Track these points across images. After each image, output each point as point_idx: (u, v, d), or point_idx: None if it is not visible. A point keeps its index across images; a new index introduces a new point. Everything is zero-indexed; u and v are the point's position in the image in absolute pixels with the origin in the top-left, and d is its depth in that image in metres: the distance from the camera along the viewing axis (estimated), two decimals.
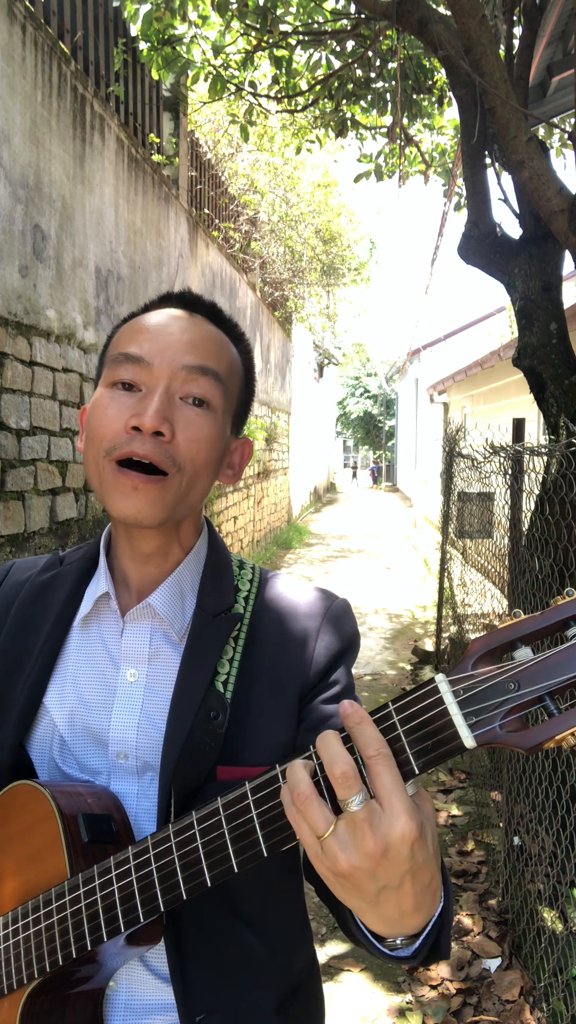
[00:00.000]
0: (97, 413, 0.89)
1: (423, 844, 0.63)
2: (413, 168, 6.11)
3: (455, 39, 3.11)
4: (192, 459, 0.87)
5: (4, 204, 3.62)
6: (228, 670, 0.91)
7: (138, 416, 0.84)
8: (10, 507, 3.68)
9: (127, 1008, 0.89)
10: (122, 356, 0.89)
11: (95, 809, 0.85)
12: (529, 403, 4.02)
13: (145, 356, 0.88)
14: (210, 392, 0.89)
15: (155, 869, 0.75)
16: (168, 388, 0.87)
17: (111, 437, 0.86)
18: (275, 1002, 0.92)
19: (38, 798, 0.85)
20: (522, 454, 3.07)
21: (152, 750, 0.89)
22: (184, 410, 0.88)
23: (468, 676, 0.64)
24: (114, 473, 0.86)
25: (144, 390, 0.87)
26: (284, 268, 12.54)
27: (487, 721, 0.63)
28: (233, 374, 0.95)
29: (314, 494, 22.06)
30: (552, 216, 2.97)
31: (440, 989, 2.66)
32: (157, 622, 0.94)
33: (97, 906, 0.78)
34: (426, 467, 16.34)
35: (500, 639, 0.65)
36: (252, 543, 10.80)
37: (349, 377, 39.80)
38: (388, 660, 6.65)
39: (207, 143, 8.91)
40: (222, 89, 4.74)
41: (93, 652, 0.95)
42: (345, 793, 0.63)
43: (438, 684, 0.65)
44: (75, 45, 4.68)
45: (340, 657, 0.96)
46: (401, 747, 0.65)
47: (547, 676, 0.62)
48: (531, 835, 3.08)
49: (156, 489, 0.86)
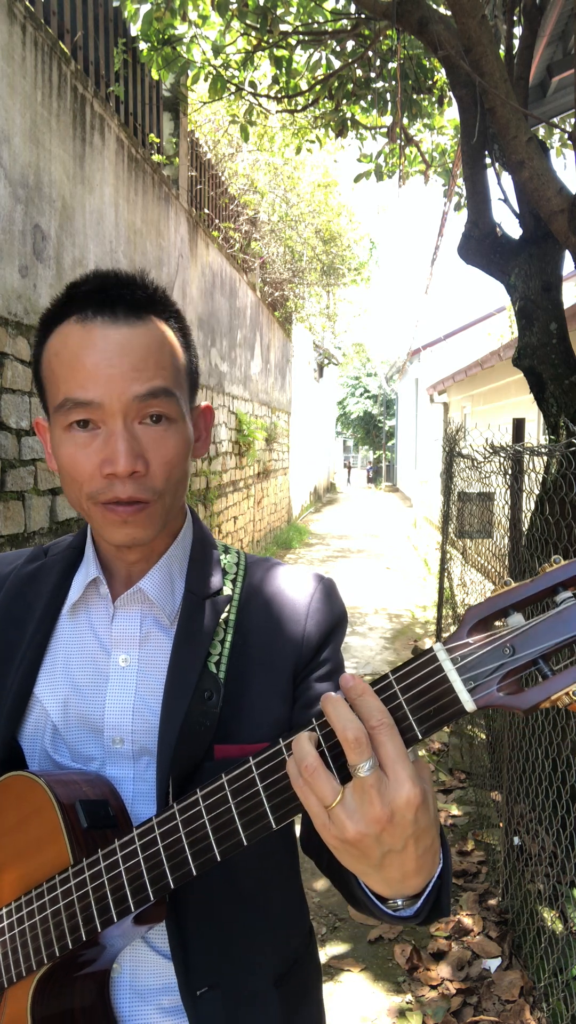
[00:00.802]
0: (66, 461, 0.88)
1: (425, 809, 0.66)
2: (413, 168, 6.11)
3: (455, 39, 3.11)
4: (168, 478, 0.88)
5: (4, 204, 3.62)
6: (220, 651, 0.93)
7: (110, 463, 0.84)
8: (10, 507, 3.68)
9: (132, 989, 0.91)
10: (70, 402, 0.86)
11: (91, 796, 0.86)
12: (529, 403, 4.02)
13: (95, 399, 0.85)
14: (166, 408, 0.88)
15: (162, 848, 0.77)
16: (126, 422, 0.85)
17: (88, 482, 0.86)
18: (274, 976, 0.95)
19: (33, 788, 0.85)
20: (522, 454, 3.07)
21: (148, 733, 0.91)
22: (148, 434, 0.87)
23: (464, 644, 0.67)
24: (102, 511, 0.87)
25: (103, 427, 0.86)
26: (284, 268, 12.54)
27: (485, 685, 0.65)
28: (178, 367, 0.91)
29: (314, 494, 22.06)
30: (552, 216, 2.97)
31: (440, 989, 2.66)
32: (147, 607, 0.95)
33: (105, 888, 0.79)
34: (426, 467, 16.33)
35: (493, 607, 0.68)
36: (252, 543, 10.80)
37: (349, 377, 39.78)
38: (388, 660, 6.64)
39: (207, 143, 8.91)
40: (222, 89, 4.74)
41: (83, 639, 0.96)
42: (356, 758, 0.65)
43: (436, 652, 0.67)
44: (75, 45, 4.68)
45: (331, 634, 0.98)
46: (403, 715, 0.68)
47: (539, 640, 0.64)
48: (531, 835, 3.08)
49: (144, 516, 0.87)
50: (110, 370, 0.85)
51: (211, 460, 7.93)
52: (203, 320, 7.68)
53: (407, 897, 0.73)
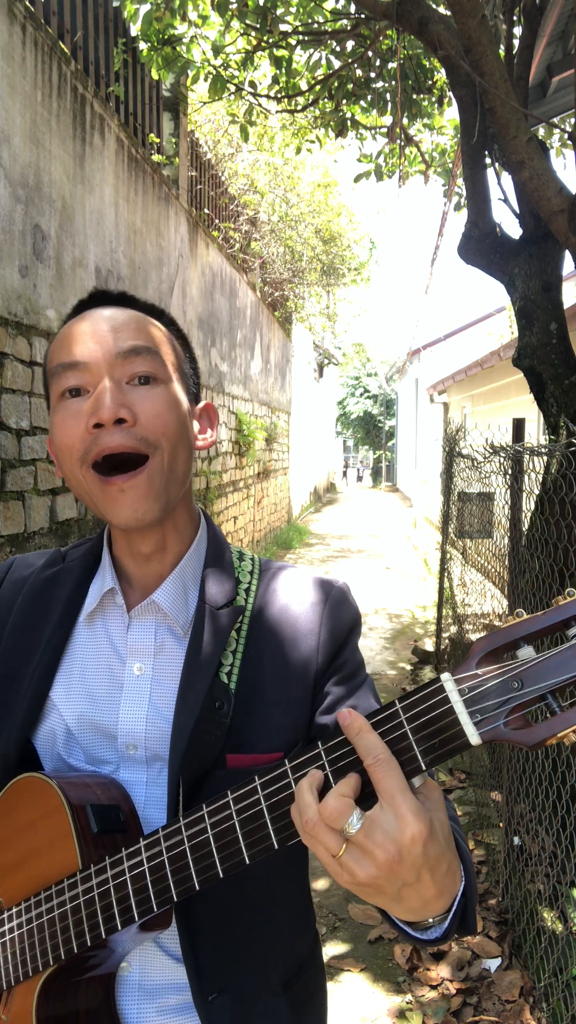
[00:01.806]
0: (59, 430, 0.90)
1: (434, 840, 0.65)
2: (413, 168, 6.11)
3: (455, 39, 3.11)
4: (163, 433, 0.89)
5: (4, 204, 3.62)
6: (232, 661, 0.94)
7: (95, 413, 0.86)
8: (10, 507, 3.68)
9: (140, 988, 0.92)
10: (60, 367, 0.90)
11: (103, 799, 0.87)
12: (529, 403, 4.02)
13: (80, 358, 0.89)
14: (151, 367, 0.91)
15: (167, 860, 0.77)
16: (112, 377, 0.88)
17: (79, 445, 0.87)
18: (282, 979, 0.96)
19: (46, 790, 0.86)
20: (522, 454, 3.07)
21: (160, 740, 0.92)
22: (135, 392, 0.89)
23: (472, 675, 0.66)
24: (99, 484, 0.88)
25: (91, 391, 0.89)
26: (284, 268, 12.53)
27: (491, 719, 0.64)
28: (165, 344, 0.96)
29: (314, 494, 22.06)
30: (552, 216, 2.97)
31: (440, 989, 2.66)
32: (161, 617, 0.96)
33: (111, 896, 0.80)
34: (426, 467, 16.33)
35: (503, 639, 0.66)
36: (252, 543, 10.80)
37: (349, 377, 39.76)
38: (388, 660, 6.64)
39: (207, 143, 8.91)
40: (222, 89, 4.74)
41: (99, 647, 0.97)
42: (337, 825, 0.65)
43: (444, 683, 0.66)
44: (75, 45, 4.67)
45: (347, 639, 0.99)
46: (408, 745, 0.67)
47: (549, 675, 0.63)
48: (531, 835, 3.08)
49: (143, 481, 0.87)
50: (95, 335, 0.90)
51: (211, 460, 7.93)
52: (203, 320, 7.68)
53: (435, 916, 0.73)
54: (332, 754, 0.70)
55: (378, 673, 6.25)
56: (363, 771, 0.68)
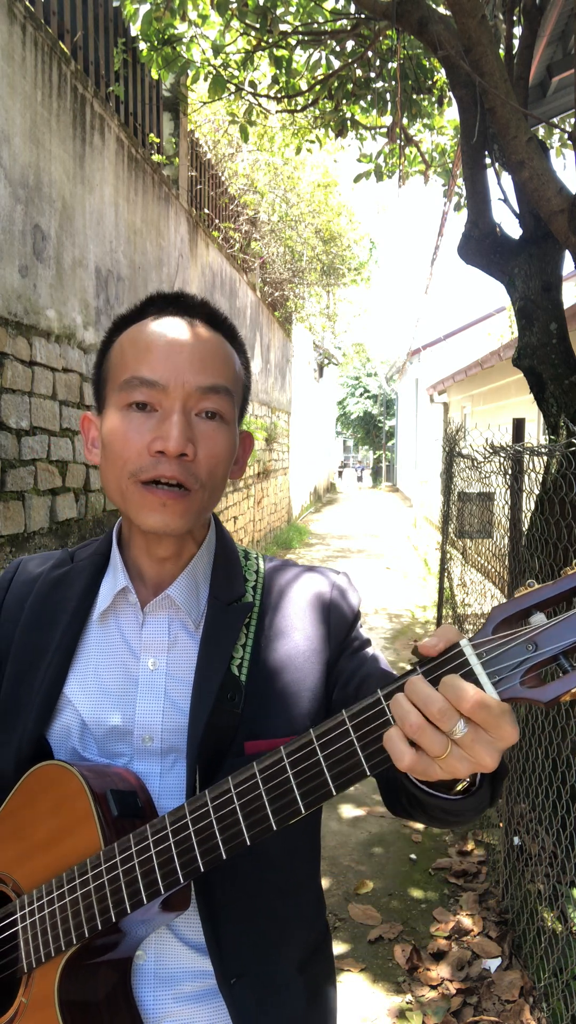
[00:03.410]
0: (117, 437, 0.92)
1: (516, 731, 0.71)
2: (413, 168, 6.11)
3: (455, 39, 3.11)
4: (211, 473, 0.93)
5: (4, 204, 3.62)
6: (243, 655, 0.97)
7: (162, 440, 0.89)
8: (10, 507, 3.68)
9: (156, 976, 0.94)
10: (136, 380, 0.91)
11: (121, 786, 0.89)
12: (529, 403, 4.02)
13: (160, 380, 0.90)
14: (222, 406, 0.93)
15: (193, 832, 0.80)
16: (184, 408, 0.90)
17: (135, 459, 0.90)
18: (298, 963, 1.00)
19: (66, 776, 0.89)
20: (522, 454, 3.07)
21: (176, 732, 0.95)
22: (200, 425, 0.92)
23: (489, 640, 0.71)
24: (141, 491, 0.91)
25: (160, 410, 0.91)
26: (284, 268, 12.53)
27: (508, 679, 0.69)
28: (237, 381, 0.99)
29: (314, 494, 22.05)
30: (552, 216, 2.97)
31: (440, 989, 2.66)
32: (174, 612, 0.99)
33: (135, 871, 0.82)
34: (426, 467, 16.33)
35: (518, 606, 0.71)
36: (252, 543, 10.80)
37: (349, 377, 39.75)
38: (388, 660, 6.63)
39: (207, 143, 8.90)
40: (222, 89, 4.74)
41: (113, 645, 1.00)
42: (447, 725, 0.69)
43: (463, 648, 0.71)
44: (75, 45, 4.67)
45: (353, 624, 1.05)
46: None
47: (561, 637, 0.68)
48: (531, 835, 3.08)
49: (183, 503, 0.91)
50: (179, 357, 0.91)
51: None
52: None
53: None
54: (358, 718, 0.74)
55: None
56: None
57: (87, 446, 1.00)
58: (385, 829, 3.79)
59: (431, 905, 3.17)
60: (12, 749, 0.97)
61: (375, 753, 0.73)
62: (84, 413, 1.01)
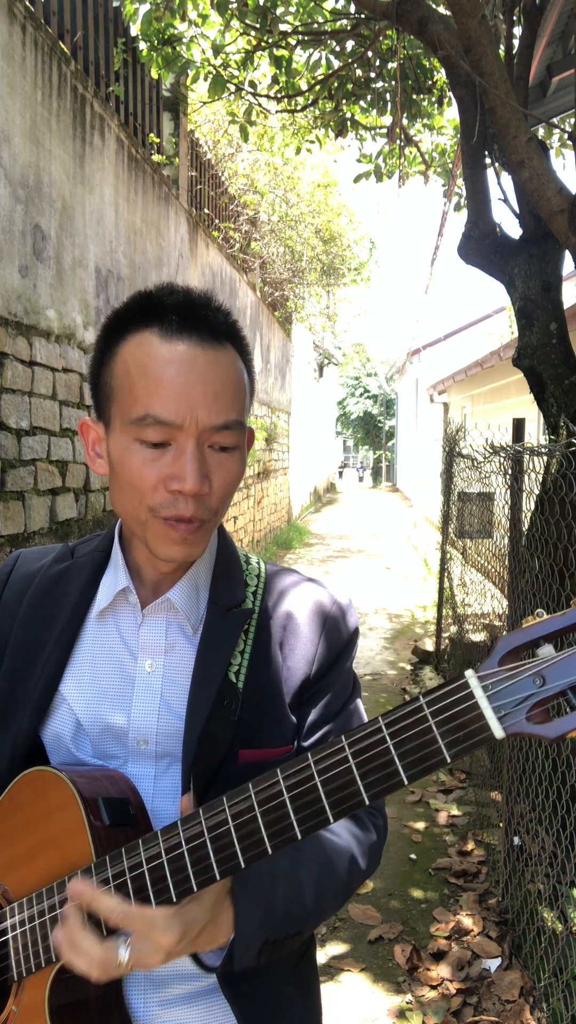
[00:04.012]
0: (131, 470, 0.89)
1: (185, 934, 0.78)
2: (413, 168, 6.11)
3: (455, 39, 3.11)
4: (224, 498, 0.93)
5: (4, 204, 3.62)
6: (240, 662, 0.96)
7: (179, 480, 0.88)
8: (10, 507, 3.68)
9: (147, 979, 0.94)
10: (150, 418, 0.87)
11: (112, 793, 0.88)
12: (529, 403, 4.02)
13: (175, 420, 0.87)
14: (235, 440, 0.92)
15: (187, 852, 0.79)
16: (198, 444, 0.89)
17: (150, 494, 0.89)
18: (291, 964, 1.01)
19: (57, 783, 0.88)
20: (522, 454, 3.07)
21: (171, 736, 0.94)
22: (214, 458, 0.91)
23: (495, 672, 0.69)
24: (162, 526, 0.90)
25: (173, 445, 0.89)
26: (284, 268, 12.53)
27: (515, 714, 0.67)
28: (247, 400, 0.97)
29: (314, 494, 22.05)
30: (552, 216, 2.97)
31: (440, 989, 2.66)
32: (173, 615, 0.98)
33: (127, 887, 0.81)
34: (426, 467, 16.33)
35: (525, 637, 0.69)
36: (252, 543, 10.80)
37: (349, 377, 39.74)
38: (388, 660, 6.64)
39: (207, 143, 8.90)
40: (222, 89, 4.74)
41: (111, 644, 0.99)
42: (111, 964, 0.78)
43: (468, 680, 0.69)
44: (75, 45, 4.67)
45: (342, 654, 1.02)
46: (433, 738, 0.70)
47: (570, 671, 0.66)
48: (531, 835, 3.08)
49: (200, 535, 0.92)
50: (193, 392, 0.88)
51: None
52: None
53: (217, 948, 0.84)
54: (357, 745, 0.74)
55: (378, 673, 6.25)
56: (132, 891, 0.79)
57: (88, 452, 0.98)
58: None
59: (431, 905, 3.17)
60: (7, 747, 0.97)
61: (378, 781, 0.71)
62: (82, 419, 0.99)
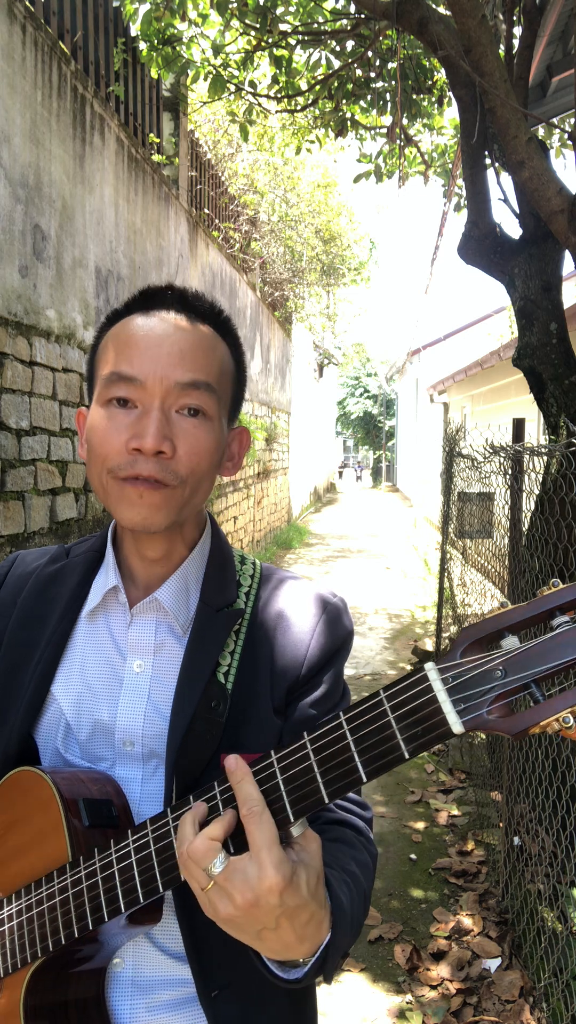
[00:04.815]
0: (97, 433, 0.90)
1: (294, 890, 0.70)
2: (413, 168, 6.10)
3: (455, 39, 3.11)
4: (193, 470, 0.90)
5: (4, 204, 3.62)
6: (229, 662, 0.95)
7: (138, 438, 0.87)
8: (10, 507, 3.68)
9: (133, 984, 0.93)
10: (115, 375, 0.89)
11: (96, 794, 0.88)
12: (529, 403, 4.02)
13: (137, 375, 0.88)
14: (204, 402, 0.91)
15: (154, 852, 0.78)
16: (163, 405, 0.89)
17: (113, 456, 0.88)
18: None
19: (40, 784, 0.88)
20: (522, 454, 3.07)
21: (157, 738, 0.93)
22: (181, 423, 0.89)
23: (457, 664, 0.66)
24: (119, 486, 0.89)
25: (140, 407, 0.89)
26: (284, 268, 12.53)
27: (475, 707, 0.65)
28: (224, 374, 0.96)
29: (314, 494, 22.05)
30: (552, 216, 2.97)
31: (440, 989, 2.66)
32: (163, 615, 0.97)
33: (98, 888, 0.81)
34: (426, 467, 16.33)
35: (488, 628, 0.67)
36: (252, 543, 10.80)
37: (349, 377, 39.74)
38: (388, 660, 6.64)
39: (207, 143, 8.90)
40: (222, 89, 4.74)
41: (100, 643, 0.99)
42: (202, 862, 0.71)
43: (427, 672, 0.67)
44: (75, 45, 4.67)
45: (333, 657, 0.99)
46: (392, 733, 0.68)
47: (533, 664, 0.63)
48: (531, 835, 3.08)
49: (160, 496, 0.88)
50: (158, 351, 0.89)
51: None
52: None
53: (300, 959, 0.77)
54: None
55: (378, 673, 6.25)
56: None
57: (80, 442, 0.98)
58: (385, 829, 3.79)
59: (431, 905, 3.17)
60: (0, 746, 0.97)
61: (337, 778, 0.70)
62: (79, 409, 0.99)
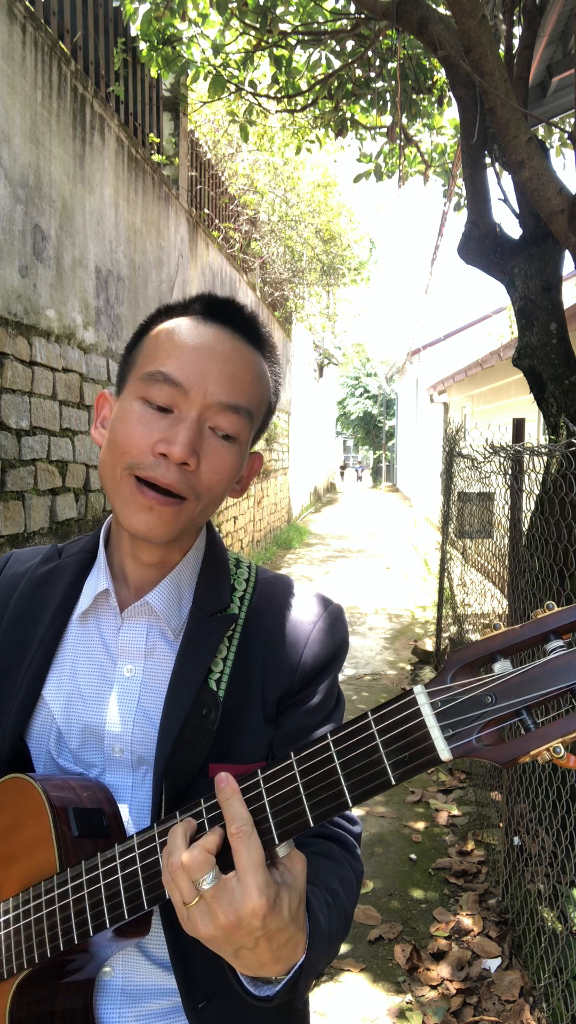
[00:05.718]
0: (125, 425, 0.88)
1: (276, 914, 0.69)
2: (413, 168, 6.10)
3: (455, 39, 3.11)
4: (211, 489, 0.89)
5: (4, 204, 3.62)
6: (222, 669, 0.92)
7: (167, 443, 0.85)
8: (10, 507, 3.68)
9: (123, 993, 0.92)
10: (160, 375, 0.87)
11: (86, 803, 0.86)
12: (529, 403, 4.02)
13: (183, 382, 0.87)
14: (239, 428, 0.90)
15: (140, 868, 0.77)
16: (200, 417, 0.87)
17: (136, 454, 0.87)
18: None
19: (30, 792, 0.86)
20: (522, 454, 3.07)
21: (146, 744, 0.91)
22: (211, 441, 0.88)
23: (447, 688, 0.64)
24: (132, 488, 0.87)
25: (175, 413, 0.87)
26: (284, 268, 12.53)
27: (464, 734, 0.62)
28: (262, 404, 0.95)
29: (314, 494, 22.05)
30: (552, 216, 2.97)
31: (440, 989, 2.66)
32: (154, 619, 0.95)
33: (84, 902, 0.79)
34: (426, 467, 16.33)
35: (479, 651, 0.65)
36: (252, 543, 10.80)
37: (349, 377, 39.75)
38: (388, 660, 6.64)
39: (207, 143, 8.90)
40: (222, 89, 4.74)
41: (91, 646, 0.96)
42: (196, 874, 0.69)
43: (416, 696, 0.65)
44: (75, 45, 4.67)
45: (328, 665, 0.97)
46: (379, 757, 0.66)
47: (525, 690, 0.61)
48: (531, 835, 3.08)
49: (171, 512, 0.87)
50: (209, 364, 0.88)
51: None
52: None
53: (273, 977, 0.76)
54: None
55: (378, 673, 6.25)
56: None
57: (95, 424, 0.96)
58: (385, 829, 3.79)
59: (431, 905, 3.17)
60: None
61: (323, 802, 0.69)
62: (102, 391, 0.97)
